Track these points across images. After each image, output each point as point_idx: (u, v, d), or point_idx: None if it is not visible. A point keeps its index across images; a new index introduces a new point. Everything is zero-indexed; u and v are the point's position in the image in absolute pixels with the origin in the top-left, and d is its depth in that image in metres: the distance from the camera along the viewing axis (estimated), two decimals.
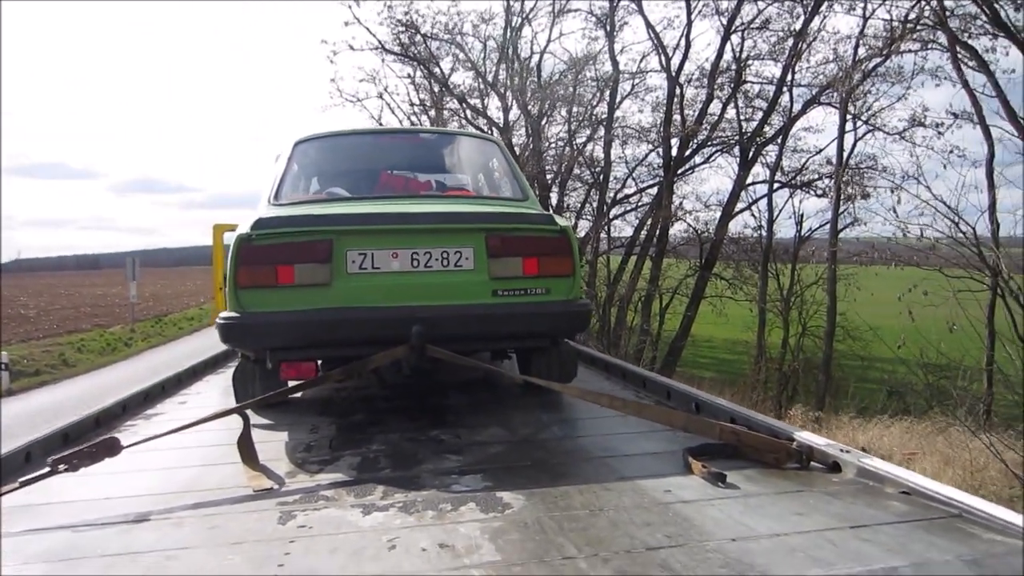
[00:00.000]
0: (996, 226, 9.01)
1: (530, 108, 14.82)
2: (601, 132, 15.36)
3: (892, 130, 14.09)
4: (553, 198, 15.41)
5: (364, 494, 1.84)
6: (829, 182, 14.85)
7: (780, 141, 15.61)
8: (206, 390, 3.77)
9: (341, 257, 2.60)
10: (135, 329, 22.59)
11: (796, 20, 13.79)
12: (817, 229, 16.47)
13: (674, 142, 14.79)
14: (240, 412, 2.32)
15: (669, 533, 1.47)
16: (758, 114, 15.30)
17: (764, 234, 16.56)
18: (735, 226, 16.15)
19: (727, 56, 14.58)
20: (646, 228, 15.49)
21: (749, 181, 15.88)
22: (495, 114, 15.35)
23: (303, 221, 2.68)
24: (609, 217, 16.37)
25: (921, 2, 9.89)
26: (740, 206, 15.94)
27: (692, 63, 16.37)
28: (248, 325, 2.60)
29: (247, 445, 2.19)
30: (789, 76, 14.49)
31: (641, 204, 16.41)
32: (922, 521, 1.49)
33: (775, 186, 16.33)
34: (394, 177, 3.49)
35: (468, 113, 15.20)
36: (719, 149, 15.97)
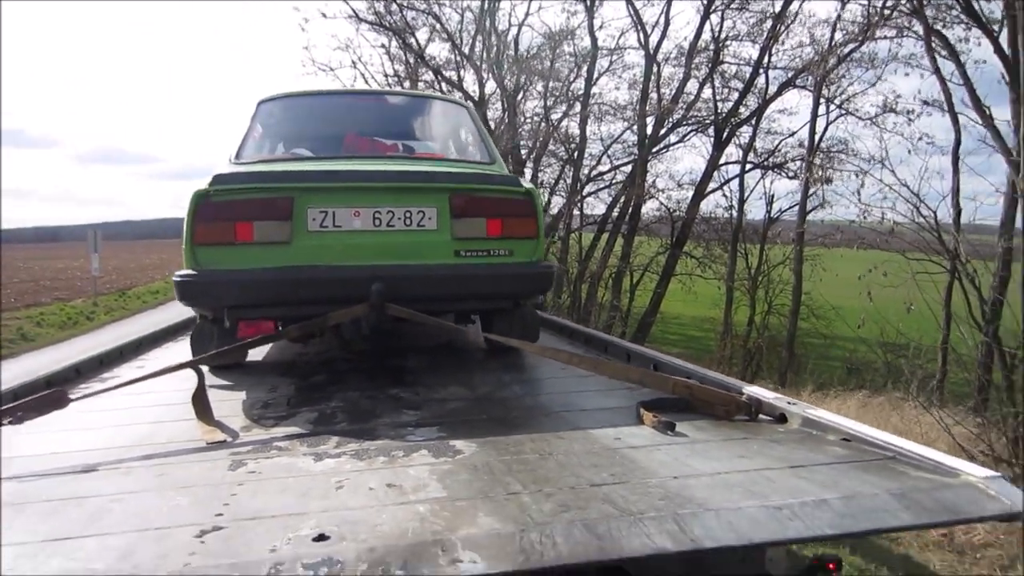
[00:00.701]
0: (958, 211, 9.25)
1: (506, 82, 14.67)
2: (577, 108, 15.30)
3: (864, 115, 14.35)
4: (527, 174, 15.35)
5: (318, 444, 1.84)
6: (800, 164, 15.08)
7: (754, 122, 15.77)
8: (165, 356, 3.67)
9: (302, 215, 2.56)
10: (97, 303, 21.92)
11: (775, 2, 13.86)
12: (786, 211, 16.82)
13: (649, 120, 14.81)
14: (195, 367, 2.28)
15: (614, 472, 1.51)
16: (734, 95, 15.40)
17: (735, 214, 16.86)
18: (707, 206, 16.36)
19: (706, 35, 14.59)
20: (619, 206, 15.55)
21: (722, 161, 16.07)
22: (471, 87, 15.15)
23: (263, 177, 2.63)
24: (583, 194, 16.37)
25: None
26: (712, 186, 16.15)
27: (671, 41, 16.45)
28: (205, 283, 2.56)
29: (202, 400, 2.15)
30: (766, 58, 14.59)
31: (615, 182, 16.48)
32: (859, 462, 1.55)
33: (747, 167, 16.58)
34: (360, 139, 3.43)
35: (443, 86, 14.94)
36: (694, 129, 16.09)
